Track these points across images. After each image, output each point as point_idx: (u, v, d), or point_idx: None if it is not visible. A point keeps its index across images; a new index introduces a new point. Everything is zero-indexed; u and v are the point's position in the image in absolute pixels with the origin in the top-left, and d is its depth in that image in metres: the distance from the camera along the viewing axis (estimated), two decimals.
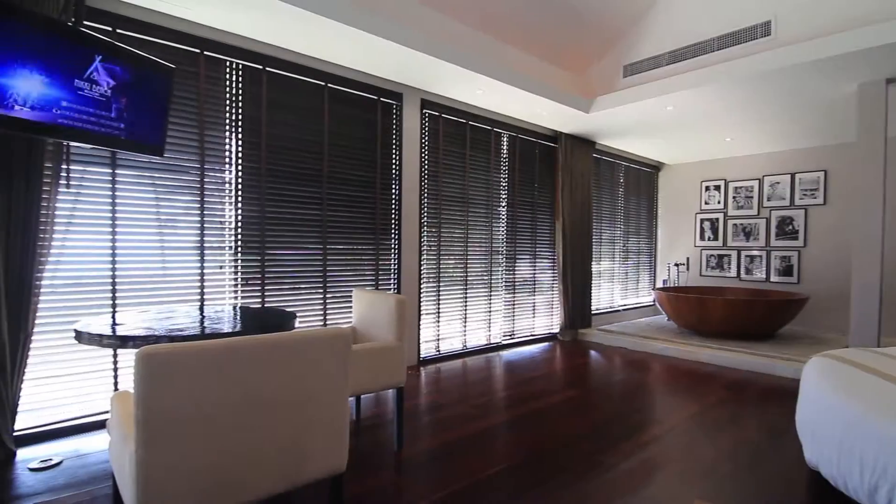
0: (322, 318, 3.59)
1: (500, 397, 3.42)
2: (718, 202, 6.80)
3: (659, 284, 7.22)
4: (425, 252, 4.26)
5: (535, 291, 5.34)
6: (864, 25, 3.27)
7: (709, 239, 6.88)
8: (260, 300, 3.28)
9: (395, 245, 4.03)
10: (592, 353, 4.93)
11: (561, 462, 2.39)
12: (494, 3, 3.95)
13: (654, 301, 7.12)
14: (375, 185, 3.89)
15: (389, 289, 4.02)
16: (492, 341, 4.87)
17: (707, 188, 6.91)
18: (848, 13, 3.43)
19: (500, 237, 4.93)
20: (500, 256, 4.94)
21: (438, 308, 4.36)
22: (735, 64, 3.80)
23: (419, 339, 4.21)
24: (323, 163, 3.56)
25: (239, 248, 3.19)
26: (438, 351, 4.39)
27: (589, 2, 4.24)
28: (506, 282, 4.99)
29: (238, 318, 2.32)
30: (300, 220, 3.46)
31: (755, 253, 6.46)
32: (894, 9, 3.23)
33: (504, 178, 4.96)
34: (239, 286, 3.19)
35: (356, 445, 2.55)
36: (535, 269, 5.32)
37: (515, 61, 4.38)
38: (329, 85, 3.58)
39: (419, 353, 4.22)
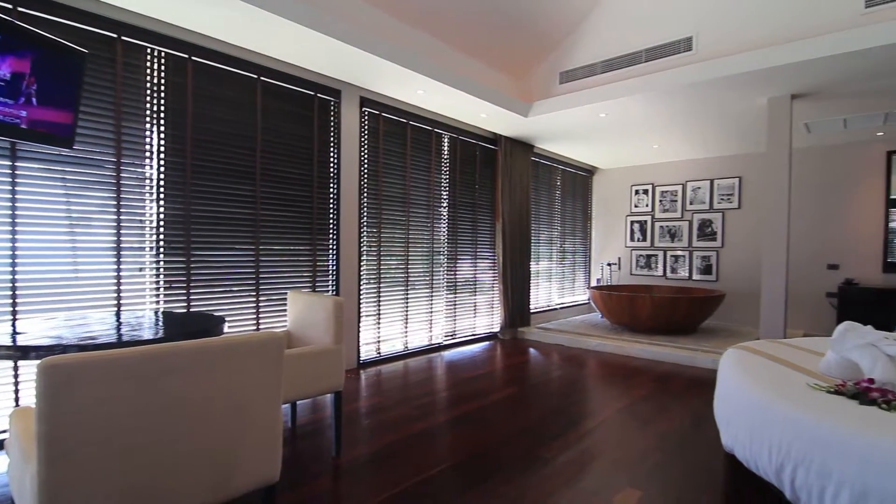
0: (255, 322, 3.42)
1: (441, 397, 3.42)
2: (647, 205, 7.21)
3: (593, 283, 7.55)
4: (365, 252, 4.18)
5: (476, 291, 5.40)
6: (772, 45, 3.59)
7: (638, 240, 7.28)
8: (185, 304, 3.07)
9: (333, 245, 3.93)
10: (531, 350, 5.05)
11: (502, 459, 2.42)
12: (438, 5, 3.96)
13: (588, 299, 7.43)
14: (313, 184, 3.77)
15: (327, 290, 3.91)
16: (433, 342, 4.87)
17: (636, 192, 7.31)
18: (758, 34, 3.75)
19: (442, 237, 4.95)
20: (442, 257, 4.95)
21: (379, 309, 4.30)
22: (661, 76, 4.04)
23: (359, 342, 4.13)
24: (256, 159, 3.40)
25: (161, 250, 2.97)
26: (379, 353, 4.33)
27: (528, 9, 4.35)
28: (447, 282, 5.01)
29: (160, 323, 2.16)
30: (231, 219, 3.28)
31: (679, 253, 6.91)
32: (797, 32, 3.56)
33: (445, 179, 4.98)
34: (161, 290, 2.97)
35: (292, 453, 2.45)
36: (476, 269, 5.39)
37: (457, 64, 4.42)
38: (262, 78, 3.43)
39: (359, 356, 4.13)
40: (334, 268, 3.93)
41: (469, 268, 5.31)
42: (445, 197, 4.98)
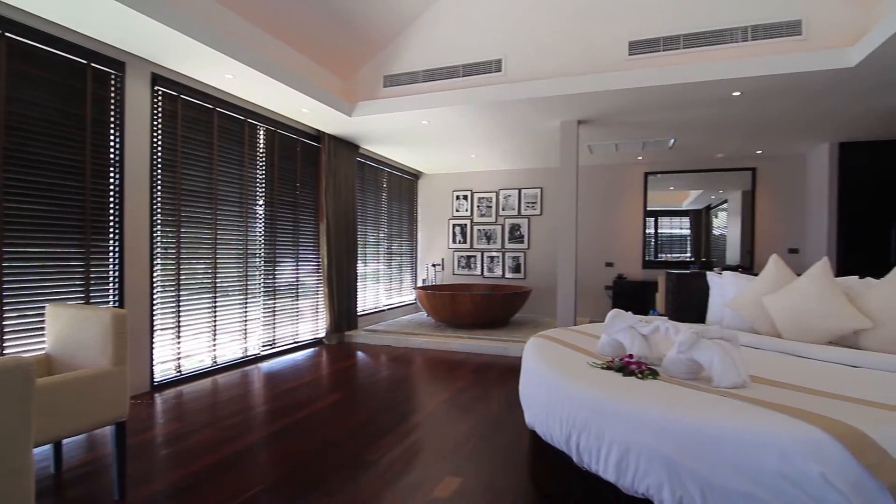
0: None
1: (258, 413, 3.11)
2: (466, 210, 7.75)
3: (419, 283, 7.80)
4: (161, 256, 3.59)
5: (298, 295, 5.09)
6: (563, 77, 4.14)
7: (459, 242, 7.77)
8: None
9: (115, 248, 3.27)
10: (359, 353, 4.96)
11: (325, 469, 2.28)
12: None
13: (415, 299, 7.65)
14: (85, 173, 3.08)
15: (108, 302, 3.24)
16: (249, 353, 4.43)
17: (458, 197, 7.81)
18: (553, 65, 4.27)
19: (258, 238, 4.54)
20: (258, 259, 4.54)
21: (179, 321, 3.73)
22: (476, 91, 4.35)
23: (152, 361, 3.51)
24: None
25: None
26: (179, 371, 3.76)
27: (355, 8, 4.27)
28: (265, 287, 4.62)
29: None
30: None
31: (494, 254, 7.58)
32: (582, 68, 4.16)
33: (262, 175, 4.58)
34: None
35: None
36: (298, 272, 5.08)
37: (277, 53, 4.10)
38: (7, 34, 2.68)
39: (152, 377, 3.52)
40: (117, 275, 3.27)
41: (290, 271, 4.98)
42: (262, 194, 4.58)
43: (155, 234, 3.53)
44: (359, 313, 6.04)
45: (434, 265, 7.69)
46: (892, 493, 1.16)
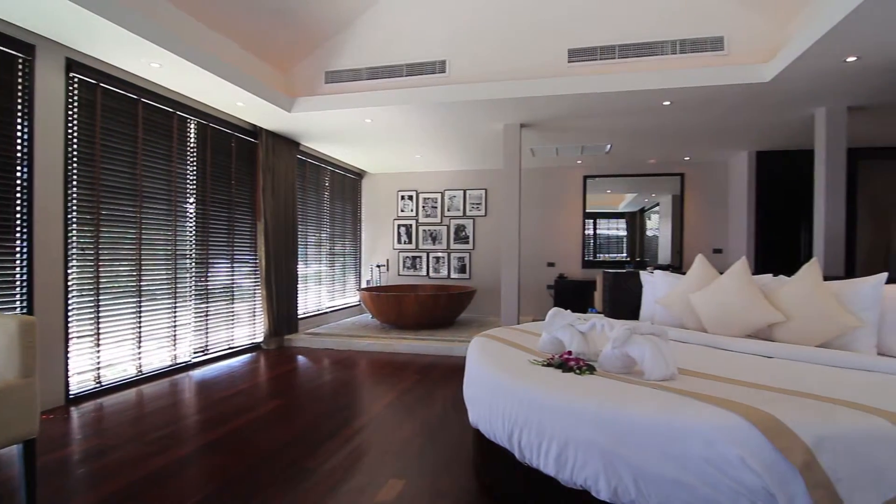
0: None
1: (188, 424, 2.92)
2: (411, 210, 7.71)
3: (364, 285, 7.68)
4: (77, 257, 3.30)
5: (234, 298, 4.85)
6: (506, 80, 4.21)
7: (404, 242, 7.72)
8: None
9: (22, 248, 2.97)
10: (300, 358, 4.80)
11: (262, 480, 2.17)
12: None
13: (359, 301, 7.52)
14: None
15: (14, 309, 2.94)
16: (179, 360, 4.16)
17: (402, 197, 7.75)
18: (496, 69, 4.32)
19: (189, 239, 4.28)
20: (189, 261, 4.28)
21: (98, 328, 3.44)
22: (420, 91, 4.33)
23: (67, 372, 3.22)
24: None
25: None
26: (99, 382, 3.46)
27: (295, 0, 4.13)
28: (197, 290, 4.36)
29: None
30: None
31: (440, 254, 7.59)
32: (524, 73, 4.23)
33: (192, 171, 4.32)
34: None
35: None
36: (233, 274, 4.84)
37: (210, 42, 3.88)
38: None
39: (67, 390, 3.22)
40: (24, 278, 2.97)
41: (225, 272, 4.74)
42: (193, 192, 4.32)
43: (70, 234, 3.24)
44: (300, 316, 5.85)
45: (379, 266, 7.60)
46: (801, 472, 1.25)
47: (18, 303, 2.95)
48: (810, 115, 4.44)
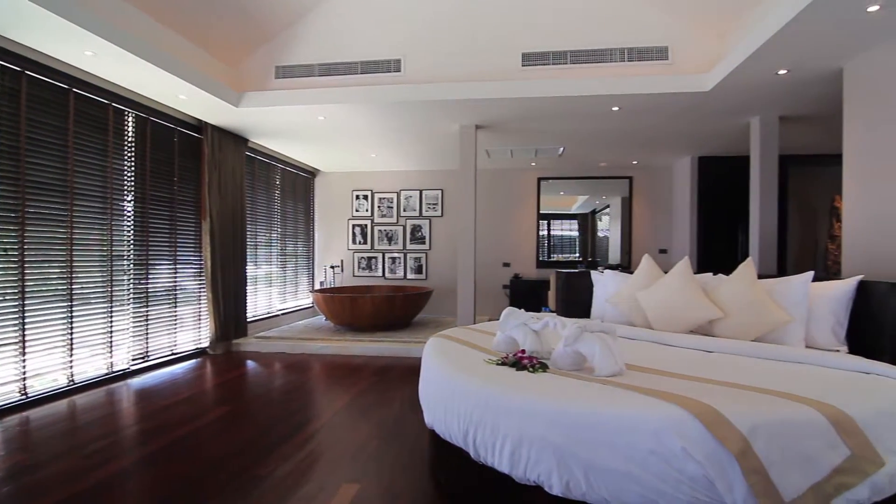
0: None
1: (127, 435, 2.75)
2: (367, 210, 7.61)
3: (317, 286, 7.50)
4: None
5: (177, 302, 4.61)
6: (462, 82, 4.22)
7: (359, 243, 7.61)
8: None
9: None
10: (249, 363, 4.62)
11: (209, 490, 2.07)
12: None
13: (312, 303, 7.34)
14: None
15: None
16: (116, 368, 3.91)
17: (357, 197, 7.64)
18: (452, 70, 4.32)
19: (127, 239, 4.03)
20: (127, 262, 4.03)
21: (23, 335, 3.17)
22: (375, 90, 4.27)
23: None
24: None
25: None
26: (25, 394, 3.19)
27: None
28: (136, 293, 4.11)
29: None
30: None
31: (396, 255, 7.53)
32: (480, 74, 4.26)
33: (130, 167, 4.07)
34: None
35: None
36: (176, 276, 4.60)
37: (151, 31, 3.66)
38: None
39: None
40: None
41: (167, 274, 4.49)
42: (131, 189, 4.07)
43: None
44: (249, 319, 5.64)
45: (333, 267, 7.45)
46: (738, 459, 1.32)
47: None
48: (746, 123, 4.73)
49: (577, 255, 7.46)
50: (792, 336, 2.43)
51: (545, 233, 7.38)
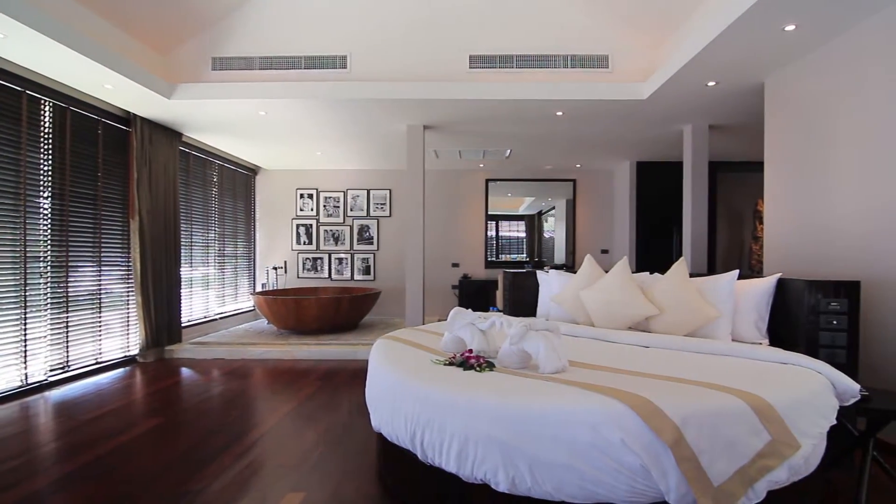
0: None
1: (46, 451, 2.52)
2: (312, 209, 7.41)
3: (258, 288, 7.21)
4: None
5: (101, 307, 4.27)
6: (409, 81, 4.19)
7: (304, 243, 7.39)
8: None
9: None
10: (183, 370, 4.36)
11: None
12: None
13: (253, 306, 7.05)
14: None
15: None
16: (32, 380, 3.57)
17: (302, 195, 7.42)
18: (399, 69, 4.27)
19: (43, 238, 3.69)
20: (44, 264, 3.69)
21: None
22: (319, 86, 4.16)
23: None
24: None
25: None
26: None
27: None
28: (54, 298, 3.78)
29: None
30: None
31: (342, 256, 7.38)
32: (427, 75, 4.24)
33: (47, 161, 3.74)
34: None
35: None
36: (101, 279, 4.27)
37: (70, 13, 3.37)
38: None
39: None
40: None
41: (91, 277, 4.16)
42: (48, 185, 3.73)
43: None
44: (183, 324, 5.33)
45: (276, 268, 7.18)
46: (671, 448, 1.38)
47: None
48: (680, 130, 5.01)
49: (525, 255, 7.62)
50: (720, 330, 2.59)
51: (493, 233, 7.49)
